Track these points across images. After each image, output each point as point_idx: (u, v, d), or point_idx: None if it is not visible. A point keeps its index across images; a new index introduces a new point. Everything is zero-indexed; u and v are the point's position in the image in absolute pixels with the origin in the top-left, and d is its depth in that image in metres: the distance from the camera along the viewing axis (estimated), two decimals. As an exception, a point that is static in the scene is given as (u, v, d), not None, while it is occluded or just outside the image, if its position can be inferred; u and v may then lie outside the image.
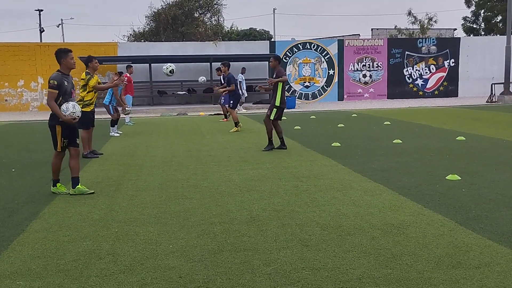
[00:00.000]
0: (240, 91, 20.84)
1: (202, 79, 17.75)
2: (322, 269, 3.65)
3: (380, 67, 27.20)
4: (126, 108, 13.53)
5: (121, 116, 13.45)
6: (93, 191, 6.24)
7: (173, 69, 11.08)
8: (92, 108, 9.21)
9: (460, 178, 6.53)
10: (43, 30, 53.34)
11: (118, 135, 12.97)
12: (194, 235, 4.50)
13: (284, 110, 9.89)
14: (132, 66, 16.43)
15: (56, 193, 6.24)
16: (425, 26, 37.36)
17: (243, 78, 20.97)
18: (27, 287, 3.47)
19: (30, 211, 5.46)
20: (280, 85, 9.47)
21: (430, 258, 3.80)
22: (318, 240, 4.28)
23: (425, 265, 3.67)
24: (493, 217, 4.82)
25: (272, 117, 9.50)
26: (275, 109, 9.52)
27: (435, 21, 37.65)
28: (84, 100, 9.09)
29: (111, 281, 3.53)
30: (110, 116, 12.99)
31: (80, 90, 9.21)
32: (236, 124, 13.18)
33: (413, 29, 38.45)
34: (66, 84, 6.12)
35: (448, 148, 9.24)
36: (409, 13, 38.27)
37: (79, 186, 6.25)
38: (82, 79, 9.15)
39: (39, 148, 10.63)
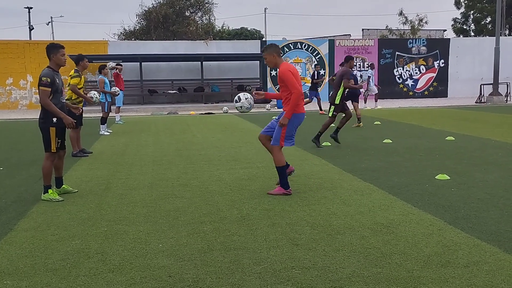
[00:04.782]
0: (370, 85, 20.97)
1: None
2: (312, 268, 3.65)
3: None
4: (116, 92, 13.45)
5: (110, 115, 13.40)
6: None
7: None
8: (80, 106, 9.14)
9: (449, 178, 6.57)
10: (33, 28, 53.02)
11: (108, 133, 12.90)
12: (183, 234, 4.48)
13: (276, 110, 9.91)
14: (121, 65, 16.39)
15: (47, 200, 5.76)
16: (415, 27, 37.61)
17: (372, 74, 21.32)
18: (15, 287, 3.44)
19: (18, 210, 5.40)
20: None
21: (420, 257, 3.82)
22: (308, 239, 4.28)
23: (414, 264, 3.68)
24: (481, 216, 4.86)
25: None
26: None
27: (426, 22, 37.96)
28: (72, 99, 9.05)
29: (99, 280, 3.50)
30: (102, 114, 12.93)
31: (68, 88, 9.13)
32: None
33: (403, 29, 38.69)
34: (57, 81, 5.84)
35: (438, 148, 9.29)
36: (401, 13, 38.53)
37: (64, 185, 6.21)
38: (70, 75, 9.10)
39: (28, 147, 10.54)
